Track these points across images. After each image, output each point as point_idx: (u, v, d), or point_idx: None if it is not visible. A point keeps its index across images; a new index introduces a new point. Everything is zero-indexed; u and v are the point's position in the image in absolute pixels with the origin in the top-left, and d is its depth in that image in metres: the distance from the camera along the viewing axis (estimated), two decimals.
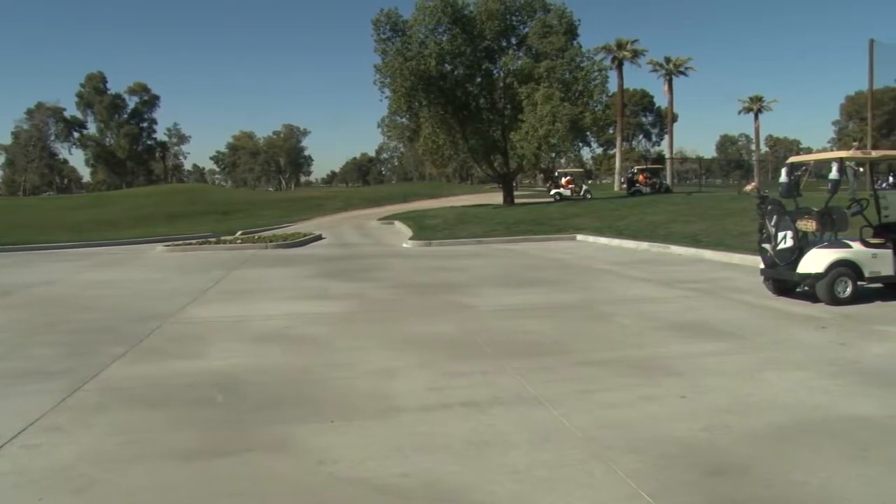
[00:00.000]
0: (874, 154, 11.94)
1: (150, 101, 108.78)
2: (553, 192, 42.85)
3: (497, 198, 39.05)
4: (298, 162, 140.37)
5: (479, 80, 35.43)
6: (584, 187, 44.41)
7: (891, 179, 41.33)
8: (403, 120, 36.28)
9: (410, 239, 21.17)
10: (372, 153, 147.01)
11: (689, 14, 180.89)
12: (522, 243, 20.45)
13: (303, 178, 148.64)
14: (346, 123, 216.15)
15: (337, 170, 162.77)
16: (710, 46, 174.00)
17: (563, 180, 44.82)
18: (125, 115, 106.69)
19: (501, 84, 35.17)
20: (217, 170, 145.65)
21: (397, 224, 28.34)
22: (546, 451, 4.38)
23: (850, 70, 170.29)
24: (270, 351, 7.23)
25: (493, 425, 4.86)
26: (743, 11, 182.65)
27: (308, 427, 4.88)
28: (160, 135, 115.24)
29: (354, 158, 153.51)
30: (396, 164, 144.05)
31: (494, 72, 35.64)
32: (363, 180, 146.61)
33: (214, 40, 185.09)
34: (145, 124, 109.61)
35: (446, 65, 33.84)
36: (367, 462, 4.24)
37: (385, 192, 59.61)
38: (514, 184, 43.98)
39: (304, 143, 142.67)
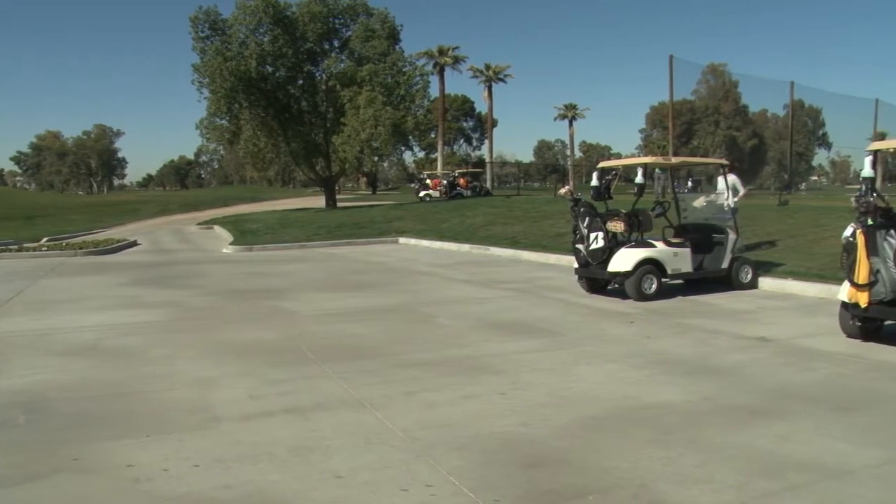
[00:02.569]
0: (674, 160, 12.90)
1: None
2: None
3: (320, 201, 38.77)
4: (111, 164, 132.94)
5: (301, 82, 35.06)
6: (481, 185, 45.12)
7: (689, 184, 44.63)
8: (223, 122, 35.18)
9: (231, 244, 20.60)
10: (191, 156, 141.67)
11: (507, 24, 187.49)
12: (345, 247, 20.44)
13: (116, 182, 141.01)
14: (164, 124, 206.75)
15: (153, 173, 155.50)
16: (528, 55, 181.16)
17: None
18: None
19: (324, 87, 34.95)
20: (19, 171, 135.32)
21: (217, 229, 27.48)
22: (369, 454, 4.44)
23: (653, 82, 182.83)
24: (79, 365, 6.81)
25: (315, 431, 4.86)
26: (559, 23, 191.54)
27: (122, 444, 4.65)
28: None
29: (172, 161, 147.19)
30: (216, 167, 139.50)
31: (317, 74, 35.40)
32: (181, 184, 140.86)
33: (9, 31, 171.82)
34: None
35: (268, 66, 33.23)
36: (187, 476, 4.12)
37: (204, 196, 57.73)
38: (337, 187, 43.81)
39: (118, 144, 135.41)
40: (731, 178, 11.22)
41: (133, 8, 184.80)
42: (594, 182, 11.36)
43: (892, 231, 6.87)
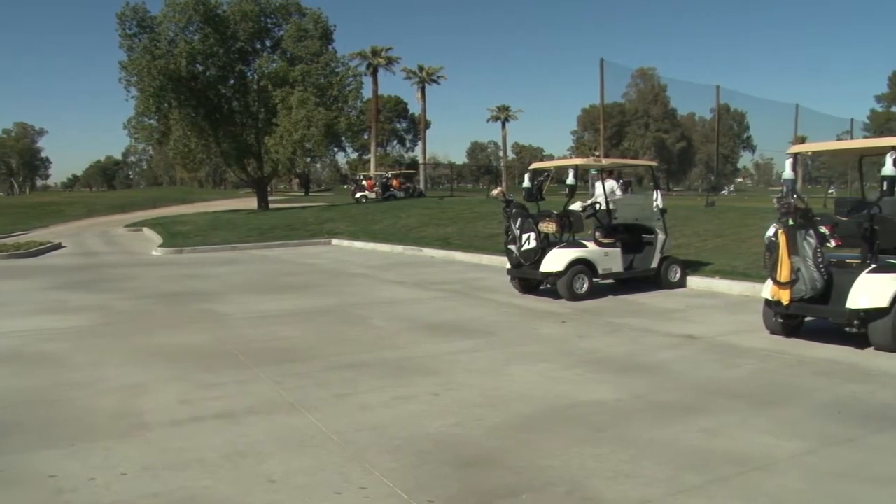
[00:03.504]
0: (605, 162, 13.12)
1: None
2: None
3: (252, 203, 38.21)
4: (34, 164, 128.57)
5: (232, 82, 34.47)
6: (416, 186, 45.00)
7: (620, 186, 45.31)
8: (152, 121, 34.34)
9: (160, 246, 20.15)
10: (118, 156, 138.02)
11: (441, 26, 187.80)
12: (278, 249, 20.20)
13: (39, 182, 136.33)
14: (90, 123, 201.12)
15: (79, 173, 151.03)
16: (462, 57, 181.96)
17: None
18: None
19: (256, 87, 34.43)
20: None
21: (146, 231, 26.84)
22: (303, 458, 4.40)
23: (585, 85, 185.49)
24: (1, 373, 6.58)
25: (248, 435, 4.79)
26: (492, 26, 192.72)
27: (44, 454, 4.51)
28: None
29: (99, 161, 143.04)
30: (145, 167, 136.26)
31: (248, 74, 34.86)
32: (109, 185, 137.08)
33: None
34: None
35: (198, 65, 32.57)
36: (113, 485, 4.02)
37: (133, 198, 56.23)
38: (269, 188, 43.30)
39: (41, 143, 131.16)
40: (609, 183, 11.40)
41: (57, 2, 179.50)
42: (526, 183, 11.48)
43: (811, 231, 7.11)
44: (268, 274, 14.33)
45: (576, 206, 11.40)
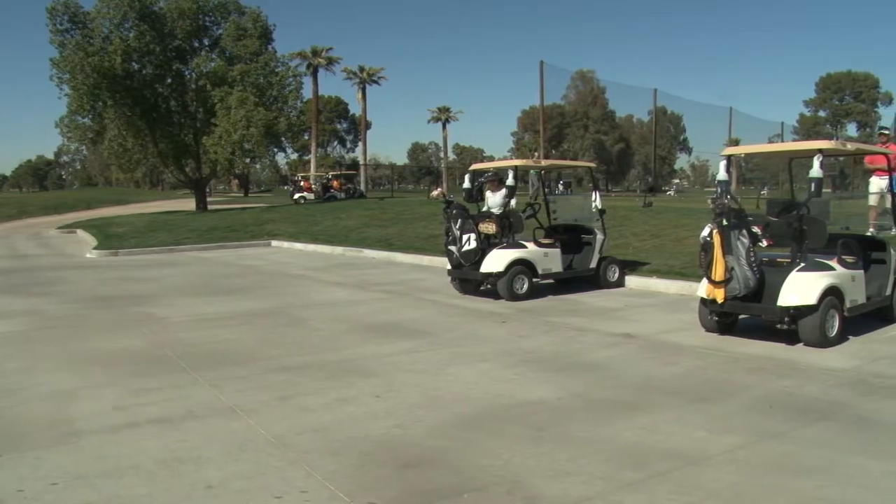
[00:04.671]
0: (544, 163, 13.25)
1: None
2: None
3: (190, 204, 37.55)
4: None
5: (169, 80, 33.80)
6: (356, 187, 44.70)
7: (560, 187, 45.94)
8: (86, 120, 33.47)
9: (95, 249, 19.66)
10: (50, 155, 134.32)
11: (382, 27, 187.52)
12: (216, 251, 19.90)
13: None
14: (19, 122, 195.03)
15: (8, 173, 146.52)
16: (403, 58, 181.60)
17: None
18: None
19: (194, 86, 33.84)
20: None
21: (80, 233, 26.18)
22: (242, 462, 4.34)
23: (525, 87, 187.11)
24: None
25: (185, 440, 4.71)
26: (433, 27, 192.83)
27: None
28: None
29: (29, 161, 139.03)
30: (79, 167, 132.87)
31: (186, 73, 34.24)
32: (41, 185, 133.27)
33: None
34: None
35: (134, 63, 31.84)
36: (44, 496, 3.89)
37: (66, 199, 54.77)
38: (208, 189, 42.63)
39: None
40: (502, 191, 11.51)
41: None
42: (466, 184, 11.52)
43: (744, 231, 7.29)
44: (206, 276, 14.11)
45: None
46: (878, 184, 12.34)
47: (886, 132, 14.82)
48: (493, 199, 11.41)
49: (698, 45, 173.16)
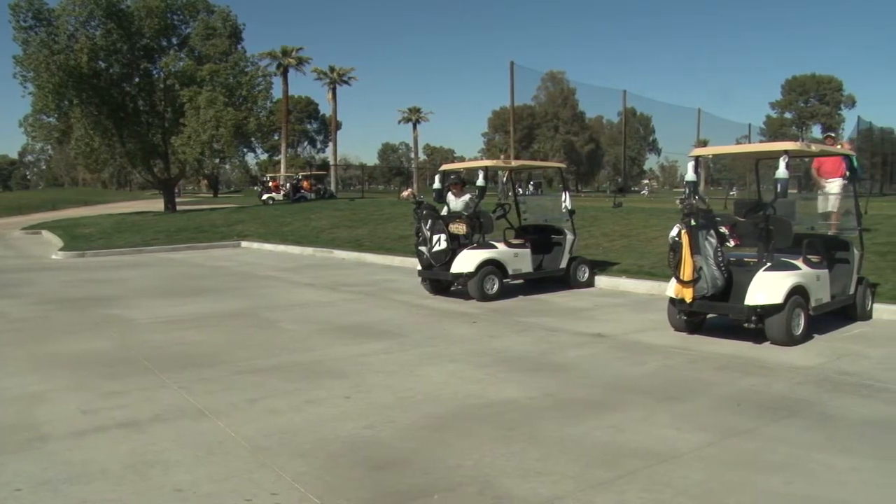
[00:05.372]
0: (514, 163, 13.29)
1: None
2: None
3: (158, 205, 37.19)
4: None
5: (137, 80, 33.41)
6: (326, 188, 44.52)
7: (531, 188, 46.14)
8: (51, 119, 32.98)
9: (61, 250, 19.38)
10: (14, 155, 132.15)
11: (352, 27, 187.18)
12: (185, 252, 19.71)
13: None
14: None
15: None
16: (373, 59, 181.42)
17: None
18: None
19: (162, 86, 33.49)
20: None
21: (45, 234, 25.82)
22: (211, 465, 4.30)
23: (496, 88, 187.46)
24: None
25: (154, 444, 4.66)
26: (404, 28, 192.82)
27: None
28: None
29: None
30: (44, 167, 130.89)
31: (154, 72, 33.86)
32: (4, 186, 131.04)
33: None
34: None
35: (100, 62, 31.43)
36: (8, 503, 3.84)
37: (31, 199, 54.08)
38: (177, 190, 42.25)
39: None
40: (465, 196, 11.57)
41: None
42: (437, 185, 11.52)
43: (712, 231, 7.37)
44: (175, 277, 13.97)
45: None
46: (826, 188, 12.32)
47: (832, 136, 15.09)
48: (456, 203, 11.46)
49: (667, 46, 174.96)
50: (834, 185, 12.05)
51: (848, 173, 10.25)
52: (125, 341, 7.90)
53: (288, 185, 43.44)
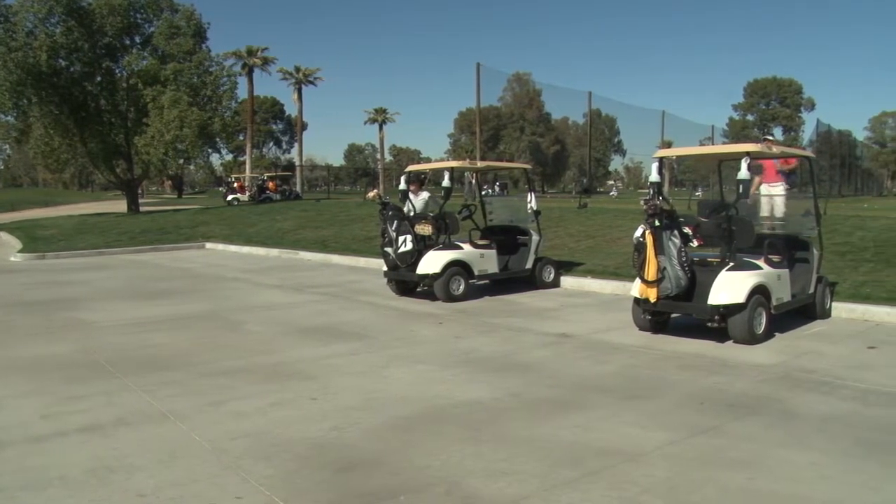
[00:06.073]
0: (480, 164, 13.32)
1: None
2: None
3: (121, 206, 36.67)
4: None
5: (99, 79, 32.86)
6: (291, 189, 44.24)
7: (497, 188, 46.26)
8: (9, 118, 32.36)
9: (20, 252, 19.03)
10: None
11: (318, 27, 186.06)
12: (149, 253, 19.46)
13: None
14: None
15: None
16: (339, 59, 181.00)
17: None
18: None
19: (125, 85, 32.99)
20: None
21: (3, 235, 25.30)
22: (175, 470, 4.25)
23: (462, 89, 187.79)
24: None
25: (116, 448, 4.59)
26: (369, 29, 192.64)
27: None
28: None
29: None
30: (2, 167, 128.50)
31: (117, 71, 33.33)
32: None
33: None
34: None
35: (60, 60, 30.83)
36: None
37: None
38: (140, 191, 41.72)
39: None
40: (423, 195, 11.61)
41: None
42: (403, 185, 11.51)
43: (676, 231, 7.46)
44: (138, 279, 13.79)
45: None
46: (767, 190, 12.30)
47: (771, 139, 15.29)
48: (416, 202, 11.48)
49: (632, 48, 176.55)
50: (777, 189, 12.11)
51: (786, 178, 10.44)
52: (87, 344, 7.78)
53: (253, 185, 43.17)
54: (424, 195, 11.50)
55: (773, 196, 11.52)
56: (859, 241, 12.63)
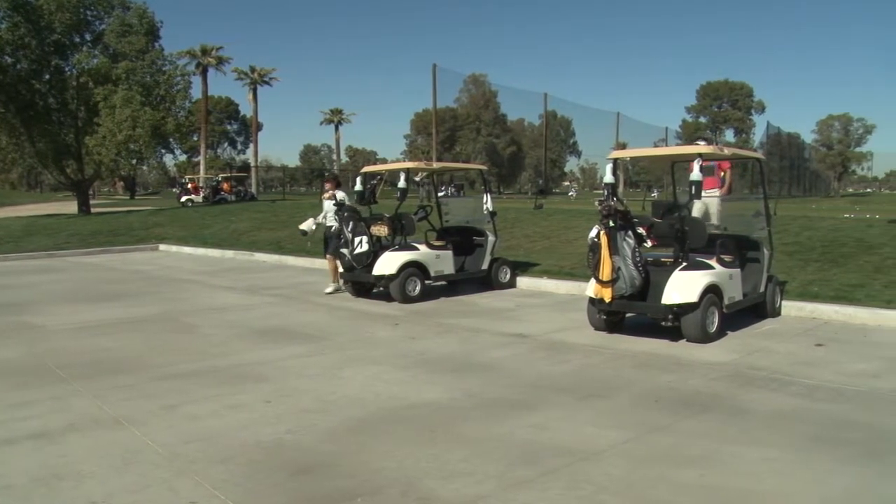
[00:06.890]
0: (436, 165, 13.33)
1: None
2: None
3: (71, 207, 35.97)
4: None
5: (47, 76, 32.17)
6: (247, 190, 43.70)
7: (452, 189, 46.35)
8: None
9: None
10: None
11: (273, 27, 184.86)
12: (100, 255, 19.11)
13: None
14: None
15: None
16: (295, 59, 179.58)
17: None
18: None
19: (75, 83, 32.34)
20: None
21: None
22: (127, 475, 4.18)
23: (418, 90, 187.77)
24: None
25: (66, 455, 4.49)
26: (325, 29, 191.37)
27: None
28: None
29: None
30: None
31: (66, 69, 32.66)
32: None
33: None
34: None
35: (6, 57, 30.14)
36: None
37: None
38: (91, 192, 40.95)
39: None
40: (340, 194, 11.63)
41: None
42: (358, 187, 11.46)
43: (630, 232, 7.54)
44: (89, 282, 13.54)
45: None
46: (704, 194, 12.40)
47: (706, 141, 15.60)
48: (327, 204, 11.62)
49: (587, 50, 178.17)
50: (713, 193, 12.27)
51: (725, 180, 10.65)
52: (35, 349, 7.62)
53: (208, 187, 42.64)
54: (339, 194, 11.43)
55: (706, 200, 11.73)
56: (807, 240, 12.90)
